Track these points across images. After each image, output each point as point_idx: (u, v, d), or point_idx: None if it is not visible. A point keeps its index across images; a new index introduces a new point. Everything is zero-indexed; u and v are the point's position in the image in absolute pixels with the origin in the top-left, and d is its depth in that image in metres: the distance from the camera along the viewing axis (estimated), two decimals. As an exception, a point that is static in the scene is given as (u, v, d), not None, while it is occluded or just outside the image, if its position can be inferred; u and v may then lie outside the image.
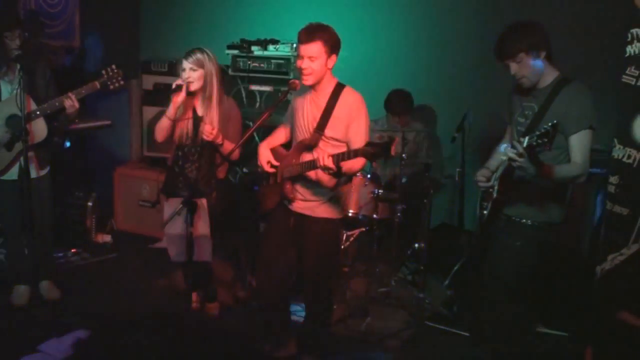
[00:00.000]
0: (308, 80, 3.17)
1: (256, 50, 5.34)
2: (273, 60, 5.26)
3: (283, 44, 5.28)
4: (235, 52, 5.42)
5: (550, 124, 2.57)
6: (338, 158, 2.93)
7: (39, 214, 4.05)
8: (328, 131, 3.20)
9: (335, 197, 3.35)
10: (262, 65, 5.30)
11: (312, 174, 3.25)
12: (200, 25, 6.22)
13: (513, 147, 2.83)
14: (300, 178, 3.31)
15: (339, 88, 3.23)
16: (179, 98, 3.62)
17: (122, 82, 3.93)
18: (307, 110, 3.29)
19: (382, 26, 5.41)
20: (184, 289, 4.14)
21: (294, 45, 5.14)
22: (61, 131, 4.11)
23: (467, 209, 4.78)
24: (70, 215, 5.38)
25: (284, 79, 5.19)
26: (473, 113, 4.53)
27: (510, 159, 2.79)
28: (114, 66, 3.92)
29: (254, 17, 5.90)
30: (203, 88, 3.66)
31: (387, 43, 5.40)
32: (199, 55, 3.61)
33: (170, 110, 3.63)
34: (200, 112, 3.72)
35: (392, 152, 2.70)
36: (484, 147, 4.48)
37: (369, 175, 4.54)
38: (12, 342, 3.72)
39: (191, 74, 3.61)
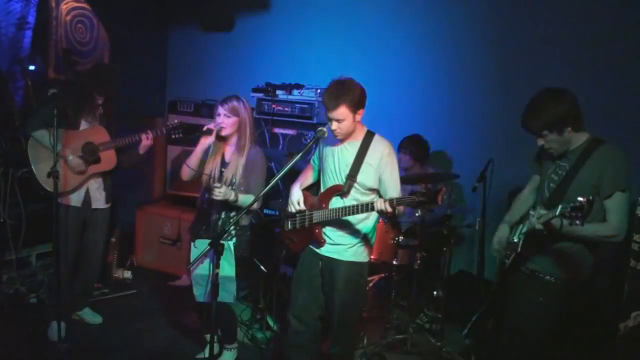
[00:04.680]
0: (340, 137, 3.30)
1: (281, 94, 5.45)
2: (297, 105, 5.36)
3: (307, 88, 5.39)
4: (260, 95, 5.53)
5: (585, 199, 2.53)
6: (392, 203, 3.00)
7: (94, 245, 4.39)
8: (360, 177, 3.29)
9: (363, 242, 3.41)
10: (286, 109, 5.41)
11: (349, 218, 3.33)
12: (227, 67, 6.38)
13: (537, 216, 2.88)
14: (330, 222, 3.38)
15: (369, 136, 3.34)
16: (207, 141, 3.73)
17: (181, 135, 4.28)
18: (339, 157, 3.38)
19: (405, 74, 5.51)
20: (202, 330, 4.18)
21: (318, 90, 5.25)
22: (128, 164, 4.43)
23: (486, 258, 4.77)
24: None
25: (308, 123, 5.30)
26: (495, 163, 4.57)
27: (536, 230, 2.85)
28: (176, 120, 4.35)
29: (280, 62, 6.04)
30: (237, 136, 3.75)
31: (409, 91, 5.49)
32: (235, 103, 3.70)
33: (192, 159, 3.79)
34: (228, 158, 3.81)
35: (439, 202, 2.77)
36: (506, 197, 4.52)
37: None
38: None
39: (225, 120, 3.69)
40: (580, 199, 2.54)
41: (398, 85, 5.51)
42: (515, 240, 3.15)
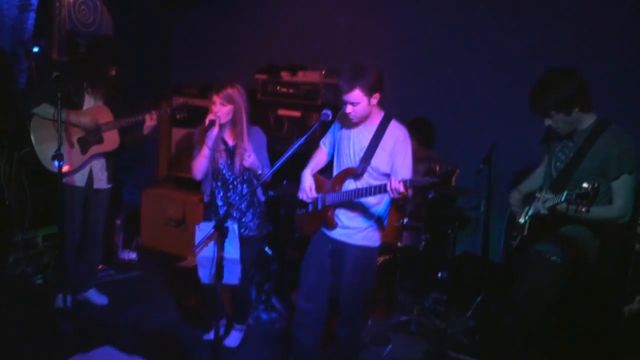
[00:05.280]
0: (354, 120, 3.29)
1: (285, 76, 5.40)
2: (301, 86, 5.32)
3: (312, 70, 5.34)
4: (264, 76, 5.49)
5: (591, 185, 2.52)
6: (405, 184, 2.96)
7: (95, 224, 4.45)
8: (374, 161, 3.28)
9: (373, 226, 3.43)
10: (290, 90, 5.36)
11: (360, 201, 3.33)
12: (231, 49, 6.33)
13: (542, 200, 2.87)
14: (342, 205, 3.39)
15: (386, 120, 3.32)
16: (214, 132, 3.74)
17: (186, 115, 4.39)
18: (354, 140, 3.37)
19: (411, 56, 5.46)
20: (207, 312, 4.22)
21: (323, 71, 5.21)
22: (131, 145, 4.46)
23: (491, 240, 4.76)
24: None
25: (312, 104, 5.26)
26: (500, 145, 4.54)
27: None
28: (182, 99, 4.51)
29: (284, 43, 5.98)
30: (233, 123, 3.77)
31: (413, 73, 5.43)
32: (229, 91, 3.71)
33: (210, 142, 3.75)
34: (231, 143, 3.83)
35: (453, 182, 2.76)
36: (510, 179, 4.50)
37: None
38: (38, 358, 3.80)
39: (221, 108, 3.71)
40: (585, 185, 2.53)
41: (403, 66, 5.44)
42: (522, 222, 3.15)
